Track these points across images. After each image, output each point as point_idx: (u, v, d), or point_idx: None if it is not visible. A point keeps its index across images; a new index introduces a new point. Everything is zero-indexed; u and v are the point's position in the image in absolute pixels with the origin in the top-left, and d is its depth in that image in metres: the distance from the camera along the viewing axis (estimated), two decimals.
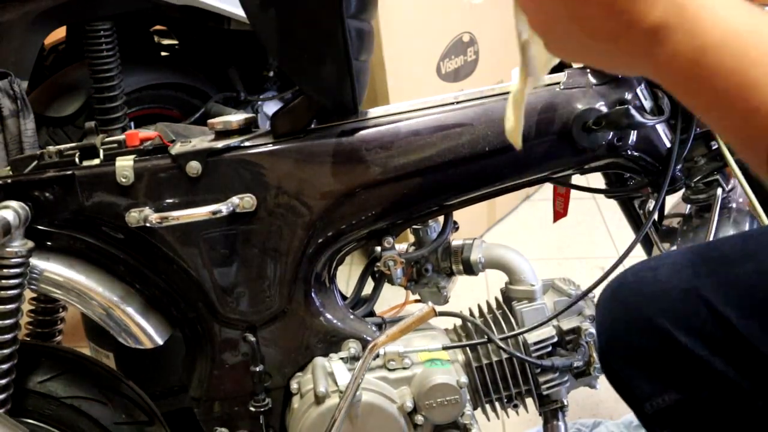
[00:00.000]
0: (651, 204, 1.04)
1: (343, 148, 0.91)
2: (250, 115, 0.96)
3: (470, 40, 2.15)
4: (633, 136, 0.94)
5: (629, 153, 0.95)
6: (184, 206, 0.91)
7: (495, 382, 1.01)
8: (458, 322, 1.04)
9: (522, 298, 1.01)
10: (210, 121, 0.94)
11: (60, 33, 1.95)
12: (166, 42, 2.27)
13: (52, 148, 0.93)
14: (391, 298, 1.78)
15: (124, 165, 0.90)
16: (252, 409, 1.00)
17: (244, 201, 0.90)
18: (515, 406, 1.04)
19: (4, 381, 0.89)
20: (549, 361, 0.99)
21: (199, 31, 1.99)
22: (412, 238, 1.05)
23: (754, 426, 0.68)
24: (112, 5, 1.62)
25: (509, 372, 1.00)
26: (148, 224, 0.89)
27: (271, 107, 2.07)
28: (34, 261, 0.91)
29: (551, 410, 1.04)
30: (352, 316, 1.02)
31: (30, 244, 0.89)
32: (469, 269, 1.03)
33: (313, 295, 0.98)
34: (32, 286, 0.93)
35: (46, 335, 1.08)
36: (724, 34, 0.44)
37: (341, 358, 0.97)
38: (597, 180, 1.08)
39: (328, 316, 0.99)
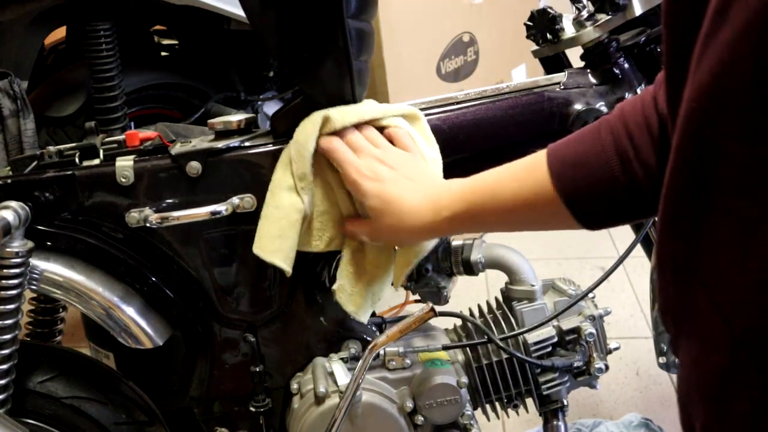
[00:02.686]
0: None
1: None
2: (250, 115, 0.96)
3: (470, 40, 2.15)
4: None
5: None
6: (184, 206, 0.91)
7: (495, 382, 1.01)
8: (458, 322, 1.04)
9: (522, 298, 1.01)
10: (210, 121, 0.94)
11: (60, 33, 1.95)
12: (166, 42, 2.26)
13: (52, 148, 0.93)
14: (391, 298, 1.78)
15: (124, 165, 0.90)
16: (252, 409, 1.00)
17: (244, 201, 0.90)
18: (515, 406, 1.04)
19: (4, 381, 0.89)
20: (549, 361, 0.99)
21: (199, 31, 1.99)
22: None
23: None
24: (112, 5, 1.62)
25: (509, 372, 1.00)
26: (148, 224, 0.89)
27: (271, 107, 2.07)
28: (34, 261, 0.91)
29: (551, 410, 1.04)
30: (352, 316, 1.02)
31: (30, 244, 0.89)
32: (469, 269, 1.03)
33: (313, 295, 0.98)
34: (32, 286, 0.93)
35: (46, 335, 1.08)
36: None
37: (341, 358, 0.97)
38: None
39: (328, 316, 0.99)
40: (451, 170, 0.93)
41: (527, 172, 0.73)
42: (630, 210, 0.70)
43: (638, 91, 0.96)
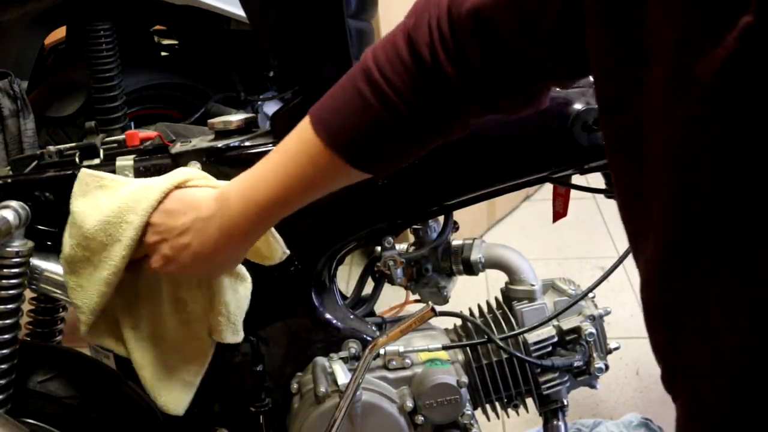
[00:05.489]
0: None
1: None
2: (250, 115, 0.96)
3: None
4: None
5: None
6: None
7: (495, 382, 1.00)
8: (458, 322, 1.04)
9: (522, 298, 1.01)
10: (210, 121, 0.94)
11: (60, 33, 1.95)
12: (166, 42, 2.27)
13: (52, 148, 0.93)
14: (391, 298, 1.78)
15: (124, 165, 0.90)
16: (252, 409, 1.00)
17: None
18: (515, 406, 1.04)
19: (4, 381, 0.89)
20: (549, 361, 0.99)
21: (199, 31, 1.99)
22: (412, 238, 1.05)
23: None
24: (112, 5, 1.62)
25: (509, 372, 1.00)
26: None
27: (271, 107, 2.07)
28: (34, 261, 0.91)
29: (551, 410, 1.04)
30: (352, 316, 1.02)
31: (30, 243, 0.89)
32: (469, 269, 1.03)
33: (313, 295, 0.98)
34: (32, 286, 0.93)
35: (46, 335, 1.08)
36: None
37: (341, 358, 0.97)
38: (597, 180, 1.08)
39: (328, 316, 0.99)
40: (450, 170, 0.93)
41: (298, 146, 0.73)
42: (400, 143, 0.71)
43: None
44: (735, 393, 0.44)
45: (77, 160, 0.92)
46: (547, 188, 1.14)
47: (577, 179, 1.05)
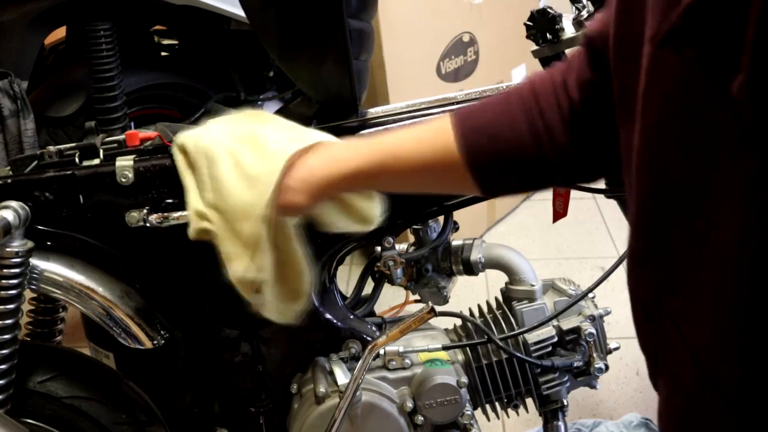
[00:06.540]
0: None
1: None
2: None
3: (470, 40, 2.15)
4: None
5: None
6: (184, 206, 0.91)
7: (495, 382, 1.01)
8: (458, 322, 1.04)
9: (522, 298, 1.01)
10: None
11: (60, 33, 1.95)
12: (166, 42, 2.27)
13: (52, 148, 0.93)
14: (391, 298, 1.78)
15: (124, 165, 0.90)
16: (252, 409, 1.00)
17: None
18: (515, 406, 1.04)
19: (4, 381, 0.89)
20: (549, 361, 0.99)
21: (199, 31, 1.99)
22: (412, 238, 1.05)
23: None
24: (112, 5, 1.62)
25: (509, 372, 1.00)
26: (148, 224, 0.89)
27: (271, 107, 2.07)
28: (34, 261, 0.91)
29: (551, 410, 1.04)
30: (352, 316, 1.02)
31: (30, 244, 0.89)
32: (469, 269, 1.03)
33: (313, 295, 0.98)
34: (32, 286, 0.93)
35: (46, 335, 1.08)
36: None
37: (341, 358, 0.97)
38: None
39: (328, 316, 0.99)
40: None
41: (433, 136, 0.73)
42: (533, 182, 0.72)
43: None
44: (705, 382, 0.46)
45: (77, 160, 0.92)
46: None
47: None
